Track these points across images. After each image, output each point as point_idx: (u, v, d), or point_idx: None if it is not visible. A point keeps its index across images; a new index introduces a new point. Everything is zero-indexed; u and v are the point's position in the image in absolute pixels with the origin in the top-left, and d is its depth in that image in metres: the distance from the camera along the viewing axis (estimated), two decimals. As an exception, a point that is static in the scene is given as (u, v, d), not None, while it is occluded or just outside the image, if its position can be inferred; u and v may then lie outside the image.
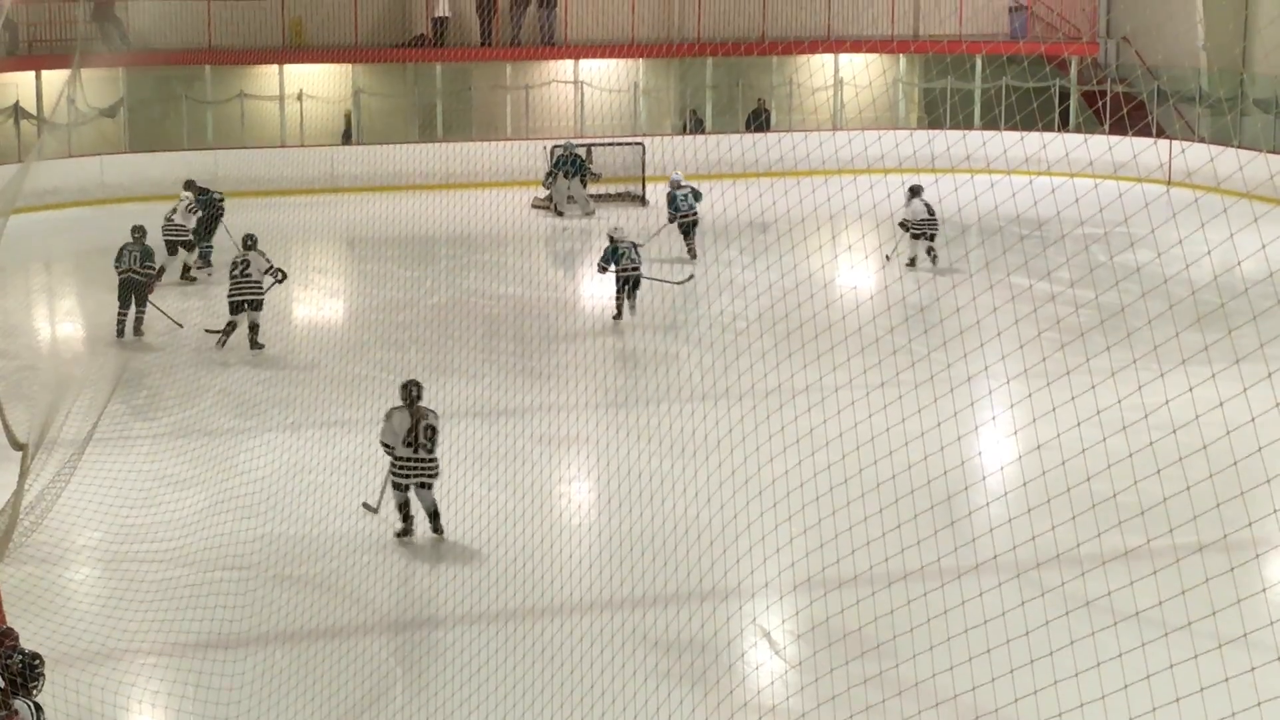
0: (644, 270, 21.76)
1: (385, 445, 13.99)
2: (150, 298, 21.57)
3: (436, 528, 13.89)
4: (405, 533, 13.92)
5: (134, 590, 12.55)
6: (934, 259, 24.76)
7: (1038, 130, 32.79)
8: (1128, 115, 34.22)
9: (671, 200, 26.74)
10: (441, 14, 36.23)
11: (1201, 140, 33.19)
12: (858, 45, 37.57)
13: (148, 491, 14.52)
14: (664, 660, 11.23)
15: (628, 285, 21.69)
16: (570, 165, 31.37)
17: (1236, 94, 34.70)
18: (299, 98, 35.04)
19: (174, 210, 25.11)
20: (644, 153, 33.13)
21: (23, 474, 11.49)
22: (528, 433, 16.92)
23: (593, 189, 31.91)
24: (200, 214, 25.20)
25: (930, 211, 24.75)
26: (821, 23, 38.07)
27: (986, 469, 14.46)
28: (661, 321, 21.94)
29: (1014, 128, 33.40)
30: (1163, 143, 32.81)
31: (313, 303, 24.94)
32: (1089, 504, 10.44)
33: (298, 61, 35.44)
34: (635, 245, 21.96)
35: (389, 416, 13.97)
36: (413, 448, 13.78)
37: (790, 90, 38.21)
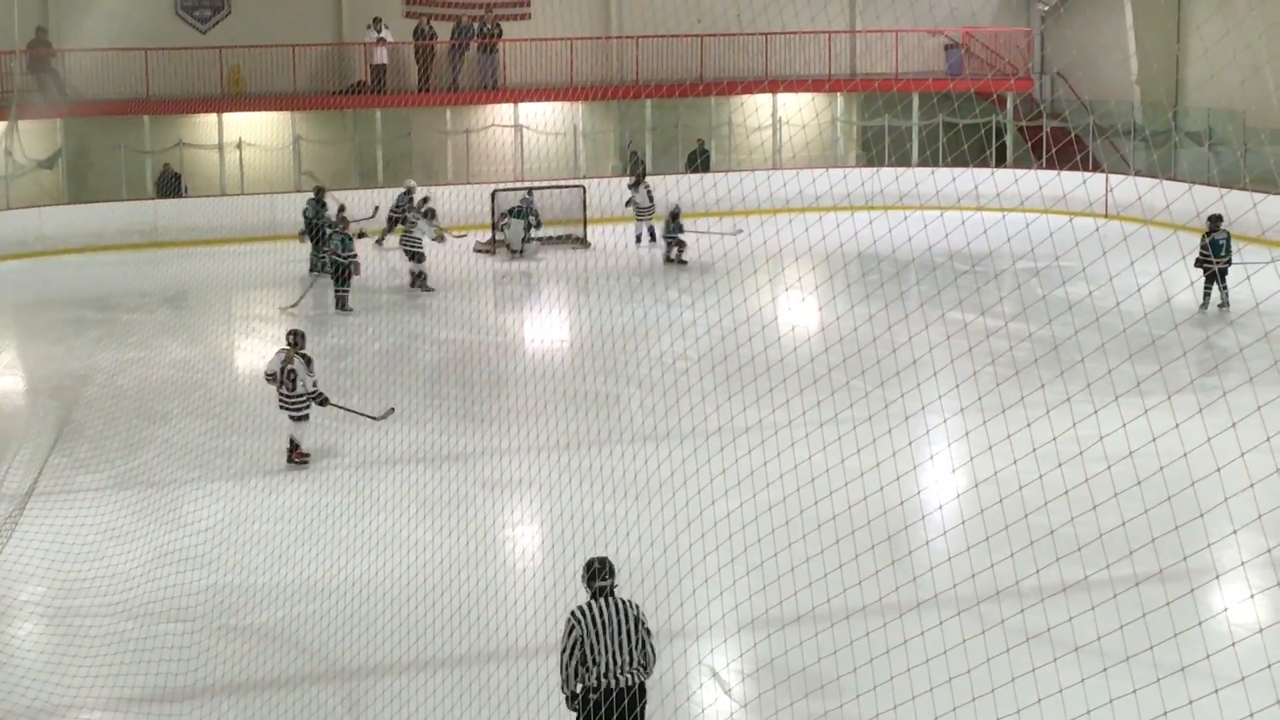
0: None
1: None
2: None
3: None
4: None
5: (78, 645, 12.48)
6: None
7: (974, 167, 33.14)
8: (1063, 150, 34.61)
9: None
10: (380, 61, 36.33)
11: (1137, 173, 33.60)
12: (795, 85, 37.89)
13: (91, 545, 14.44)
14: (612, 703, 11.25)
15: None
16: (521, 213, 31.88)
17: (1169, 127, 35.16)
18: (239, 146, 35.01)
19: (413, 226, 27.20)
20: (584, 195, 33.28)
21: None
22: (472, 478, 16.93)
23: (533, 233, 32.19)
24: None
25: None
26: (759, 63, 38.37)
27: (929, 505, 14.58)
28: (604, 364, 22.01)
29: (953, 164, 33.75)
30: (1099, 177, 33.22)
31: (255, 351, 24.87)
32: (1028, 539, 10.57)
33: (236, 110, 35.44)
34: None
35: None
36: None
37: (729, 130, 38.46)
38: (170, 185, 34.45)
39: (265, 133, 35.66)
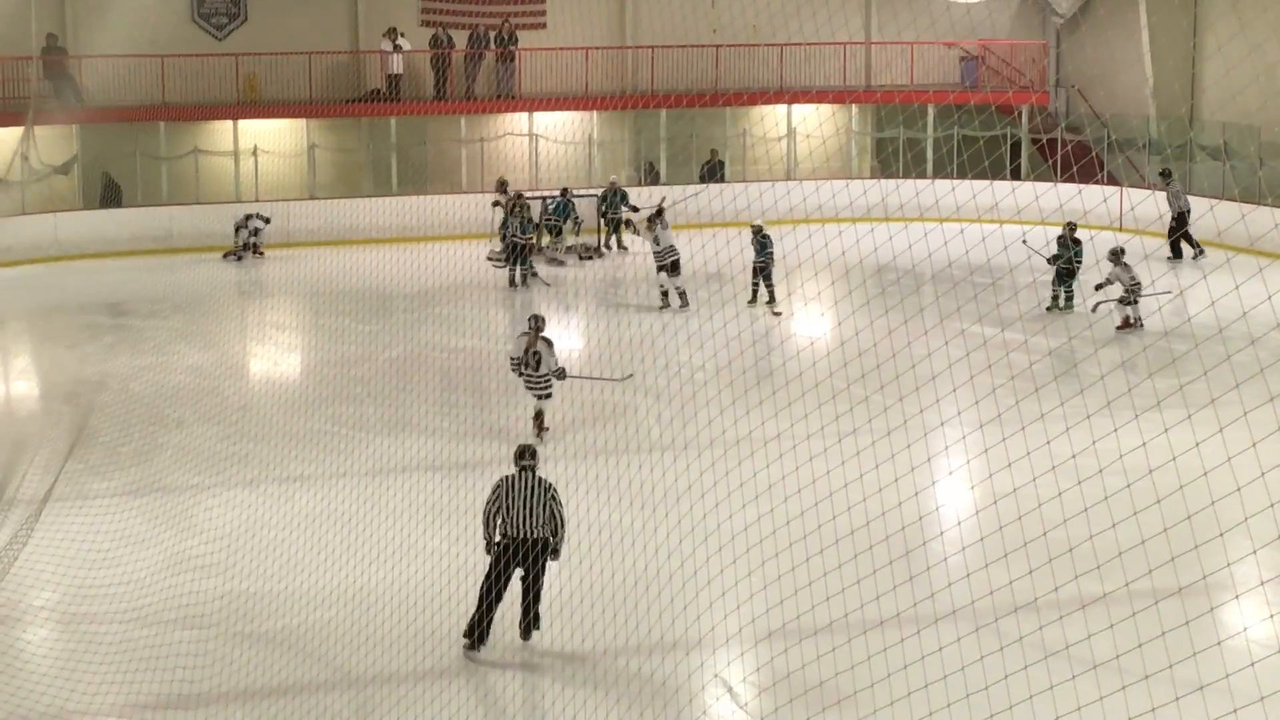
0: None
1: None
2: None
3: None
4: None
5: (91, 650, 12.46)
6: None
7: (991, 180, 33.05)
8: (1084, 167, 34.58)
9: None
10: (396, 70, 36.36)
11: (1152, 188, 33.56)
12: (810, 96, 37.86)
13: (105, 550, 14.42)
14: (627, 714, 11.22)
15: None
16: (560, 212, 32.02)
17: (1185, 141, 35.11)
18: (254, 153, 35.03)
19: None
20: (598, 204, 33.25)
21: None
22: (484, 487, 16.85)
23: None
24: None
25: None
26: (774, 74, 38.35)
27: (948, 521, 14.52)
28: (618, 373, 21.91)
29: (979, 176, 33.67)
30: (1122, 193, 33.13)
31: (270, 358, 24.91)
32: (1047, 555, 10.52)
33: (252, 117, 35.44)
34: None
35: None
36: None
37: (744, 141, 38.45)
38: (111, 195, 34.40)
39: (280, 140, 35.66)
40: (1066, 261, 24.66)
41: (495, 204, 32.40)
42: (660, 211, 27.65)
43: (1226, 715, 8.85)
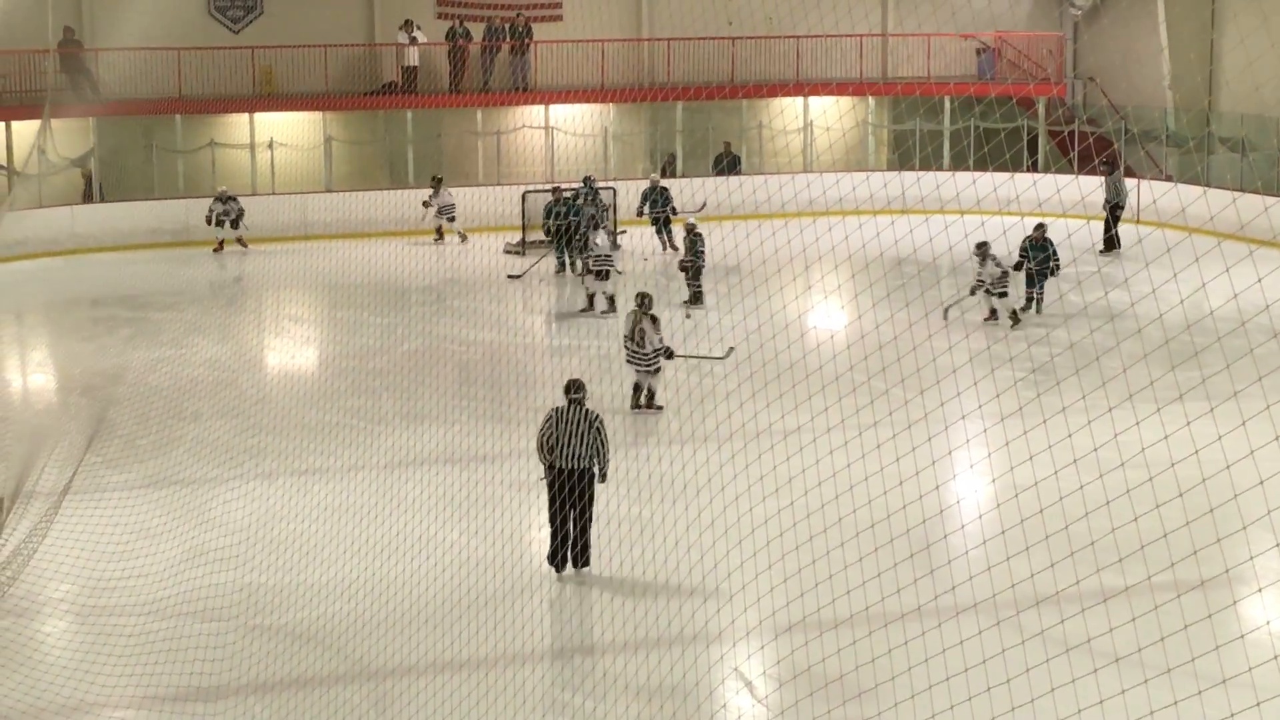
0: None
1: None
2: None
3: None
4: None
5: (108, 643, 12.45)
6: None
7: (1011, 172, 32.97)
8: (1100, 157, 34.44)
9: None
10: (411, 63, 36.34)
11: (1169, 179, 33.45)
12: (828, 88, 37.78)
13: (122, 543, 14.42)
14: (645, 709, 11.18)
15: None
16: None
17: (1204, 133, 34.99)
18: (270, 146, 35.03)
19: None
20: (615, 197, 33.16)
21: (-1, 529, 11.42)
22: (501, 479, 16.87)
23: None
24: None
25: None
26: (791, 66, 38.28)
27: (968, 514, 14.47)
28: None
29: (994, 169, 33.53)
30: (1142, 186, 33.02)
31: (286, 351, 24.90)
32: (1069, 549, 10.46)
33: (268, 110, 35.46)
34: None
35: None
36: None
37: (760, 133, 38.38)
38: (96, 193, 34.33)
39: (296, 133, 35.67)
40: (1040, 264, 24.16)
41: (425, 203, 32.39)
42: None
43: (1249, 709, 8.79)
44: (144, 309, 27.18)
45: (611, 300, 25.76)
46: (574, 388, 14.12)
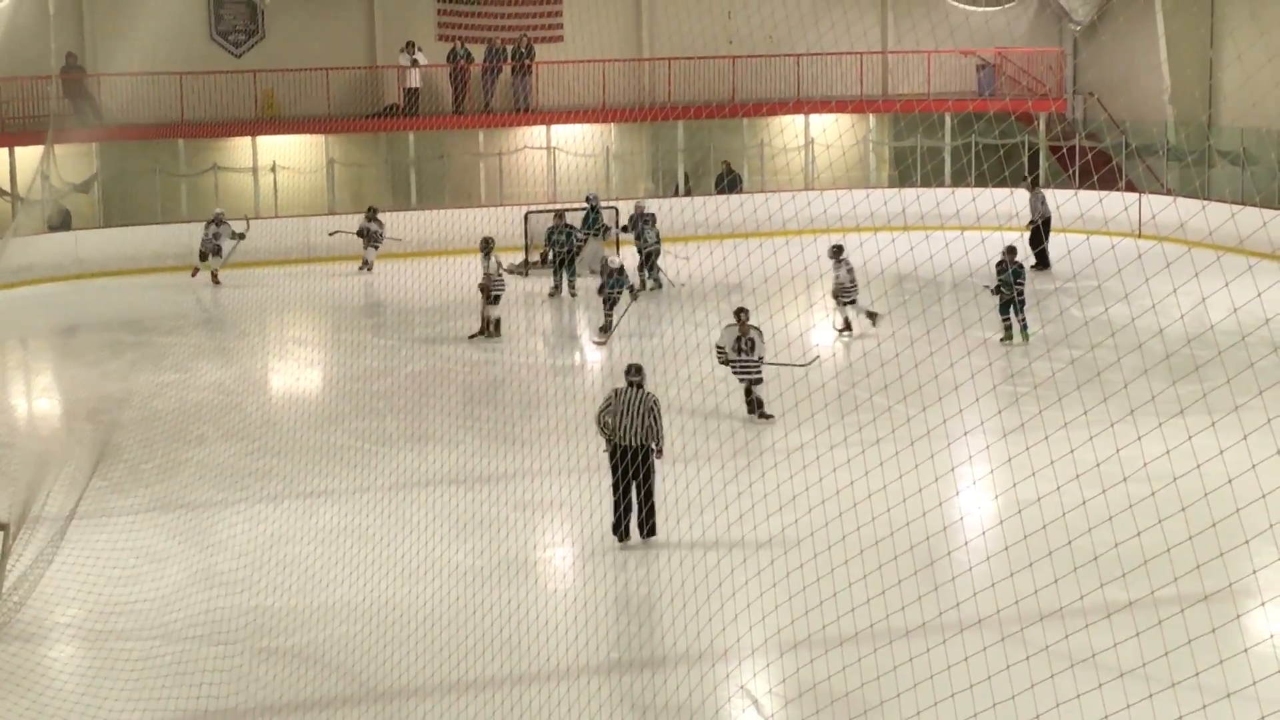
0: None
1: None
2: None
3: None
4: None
5: (115, 667, 12.47)
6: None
7: (1011, 189, 33.03)
8: (1105, 176, 34.51)
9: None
10: (413, 85, 36.43)
11: (1169, 193, 33.48)
12: (828, 106, 37.85)
13: (128, 567, 14.45)
14: (652, 727, 11.21)
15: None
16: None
17: (1203, 147, 35.05)
18: (272, 169, 35.11)
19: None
20: (616, 216, 33.23)
21: (5, 554, 11.44)
22: (507, 500, 16.90)
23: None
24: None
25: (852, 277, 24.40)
26: (791, 84, 38.35)
27: (972, 530, 14.50)
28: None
29: (994, 185, 33.58)
30: (1143, 201, 33.04)
31: (290, 373, 24.94)
32: (1072, 564, 10.49)
33: (270, 133, 35.54)
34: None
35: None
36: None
37: (761, 151, 38.44)
38: (62, 221, 34.29)
39: (299, 156, 35.77)
40: (1007, 288, 23.50)
41: (358, 233, 32.33)
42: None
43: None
44: (148, 333, 27.23)
45: (497, 324, 25.93)
46: (634, 370, 15.00)
